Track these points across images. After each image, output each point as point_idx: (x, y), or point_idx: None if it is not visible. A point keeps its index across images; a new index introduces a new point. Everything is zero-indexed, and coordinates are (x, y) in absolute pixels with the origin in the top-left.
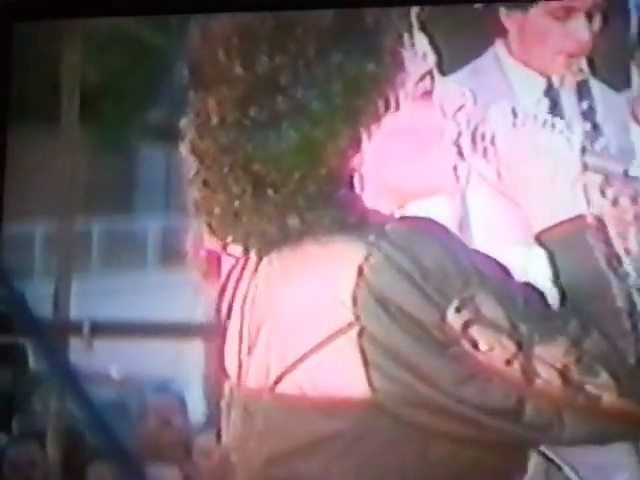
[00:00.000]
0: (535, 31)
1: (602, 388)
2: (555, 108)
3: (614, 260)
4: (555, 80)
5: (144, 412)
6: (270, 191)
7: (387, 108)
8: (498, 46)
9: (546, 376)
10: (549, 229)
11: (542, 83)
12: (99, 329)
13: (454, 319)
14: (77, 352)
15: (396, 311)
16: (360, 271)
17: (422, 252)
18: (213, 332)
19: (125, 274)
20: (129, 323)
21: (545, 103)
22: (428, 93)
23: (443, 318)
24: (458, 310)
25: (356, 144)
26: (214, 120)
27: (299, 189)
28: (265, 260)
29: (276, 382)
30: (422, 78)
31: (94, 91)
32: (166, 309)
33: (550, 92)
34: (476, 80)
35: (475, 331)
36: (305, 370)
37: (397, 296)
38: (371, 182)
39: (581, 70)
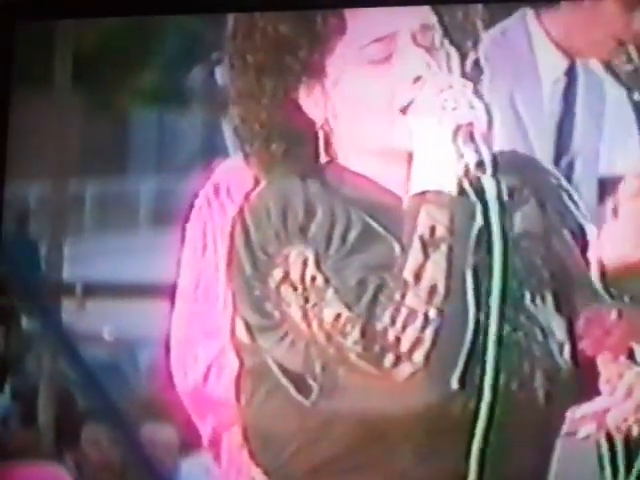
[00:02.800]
0: (592, 11)
1: (350, 349)
2: (569, 89)
3: (421, 238)
4: (579, 64)
5: (145, 372)
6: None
7: (317, 70)
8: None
9: (319, 336)
10: (414, 195)
11: (563, 65)
12: (92, 290)
13: (272, 278)
14: (70, 313)
15: (237, 266)
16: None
17: (262, 212)
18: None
19: (118, 235)
20: (122, 284)
21: (562, 82)
22: (386, 59)
23: (264, 275)
24: (276, 268)
25: (287, 98)
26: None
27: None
28: None
29: None
30: (377, 42)
31: (88, 54)
32: (158, 270)
33: (571, 74)
34: (503, 43)
35: (284, 290)
36: None
37: (240, 249)
38: (339, 139)
39: (631, 59)
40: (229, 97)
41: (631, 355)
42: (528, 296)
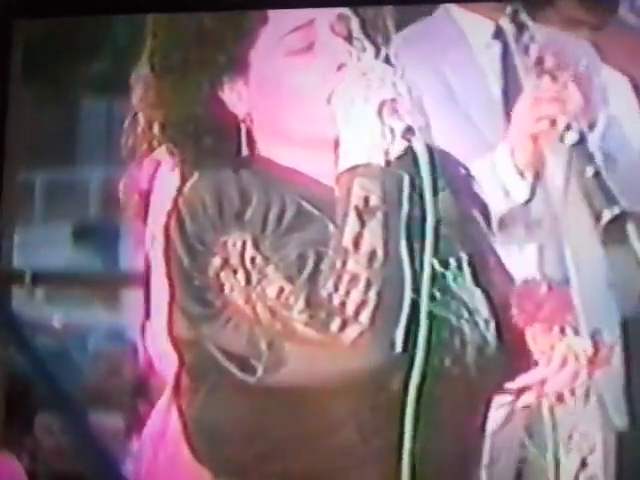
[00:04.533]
0: None
1: (296, 320)
2: (507, 51)
3: (356, 209)
4: (504, 24)
5: (93, 359)
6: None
7: (241, 62)
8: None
9: (262, 315)
10: (345, 171)
11: (491, 27)
12: (41, 278)
13: (211, 266)
14: (19, 301)
15: (175, 259)
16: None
17: (197, 203)
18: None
19: (67, 224)
20: (71, 272)
21: (497, 47)
22: (307, 48)
23: (202, 265)
24: (214, 256)
25: (212, 93)
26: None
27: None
28: None
29: None
30: (296, 31)
31: (38, 44)
32: (107, 259)
33: (500, 36)
34: (431, 30)
35: (224, 275)
36: None
37: (176, 242)
38: (262, 132)
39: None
40: (148, 98)
41: (565, 326)
42: (450, 276)
